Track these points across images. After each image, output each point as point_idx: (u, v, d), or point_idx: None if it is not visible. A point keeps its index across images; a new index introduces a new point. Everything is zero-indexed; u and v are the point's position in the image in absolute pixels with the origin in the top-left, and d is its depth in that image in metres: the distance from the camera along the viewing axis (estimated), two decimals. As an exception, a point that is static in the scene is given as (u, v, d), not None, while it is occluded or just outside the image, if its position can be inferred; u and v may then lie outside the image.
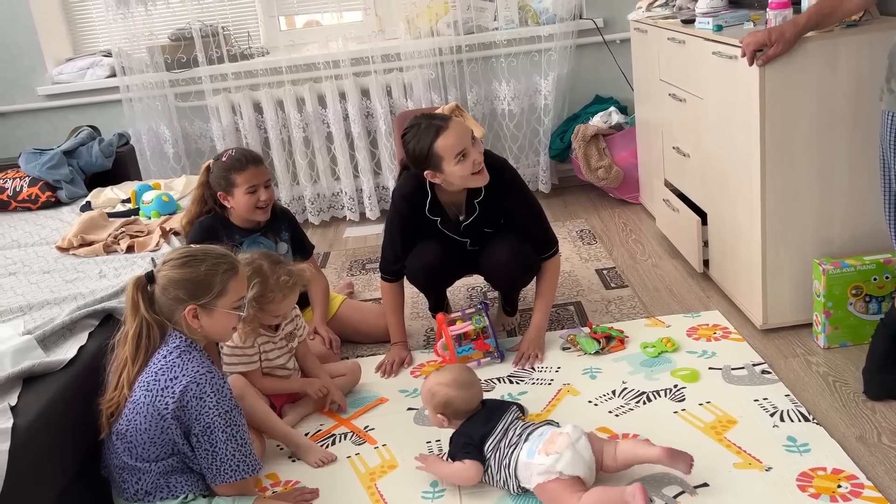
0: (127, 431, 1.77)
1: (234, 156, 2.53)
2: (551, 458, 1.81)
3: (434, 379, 2.04)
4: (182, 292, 1.80)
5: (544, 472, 1.82)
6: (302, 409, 2.36)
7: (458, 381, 2.00)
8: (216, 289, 1.82)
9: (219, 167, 2.54)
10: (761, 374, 2.29)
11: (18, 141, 4.10)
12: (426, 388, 2.04)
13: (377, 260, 3.58)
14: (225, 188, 2.53)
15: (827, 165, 2.36)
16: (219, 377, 1.79)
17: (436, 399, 2.00)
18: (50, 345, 1.98)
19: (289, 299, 2.25)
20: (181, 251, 1.88)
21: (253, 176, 2.51)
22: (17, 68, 4.10)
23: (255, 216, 2.57)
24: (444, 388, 1.99)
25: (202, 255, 1.85)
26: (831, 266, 2.32)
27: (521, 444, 1.89)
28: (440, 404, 2.00)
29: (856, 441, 1.96)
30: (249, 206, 2.53)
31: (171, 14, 4.09)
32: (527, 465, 1.85)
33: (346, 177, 4.14)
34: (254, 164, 2.53)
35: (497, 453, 1.91)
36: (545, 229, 2.61)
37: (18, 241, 2.94)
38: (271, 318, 2.25)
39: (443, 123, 2.36)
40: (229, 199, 2.54)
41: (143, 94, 4.01)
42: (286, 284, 2.21)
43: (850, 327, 2.36)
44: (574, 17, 4.01)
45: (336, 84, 3.99)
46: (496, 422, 1.95)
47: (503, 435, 1.93)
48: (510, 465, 1.88)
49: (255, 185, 2.52)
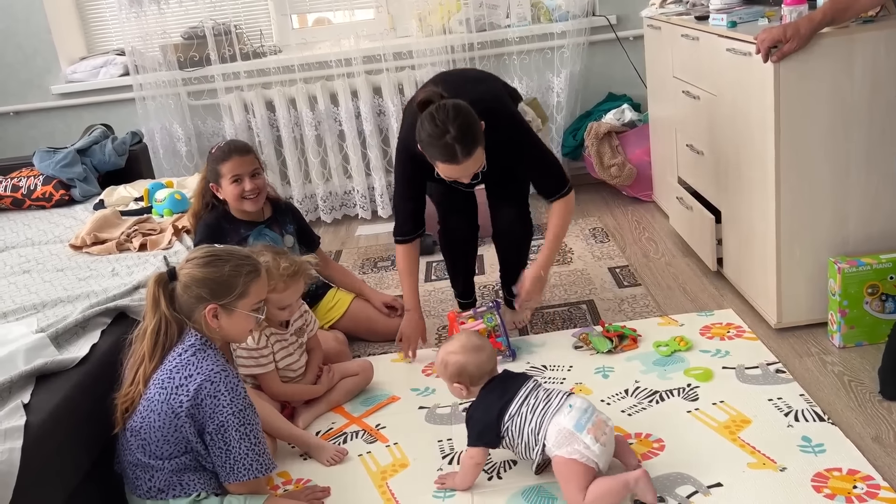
0: (141, 428, 1.77)
1: (221, 146, 2.56)
2: (599, 448, 1.80)
3: (444, 350, 2.02)
4: (204, 291, 1.81)
5: (584, 455, 1.80)
6: (316, 409, 2.36)
7: (467, 346, 1.98)
8: (238, 290, 1.84)
9: (209, 159, 2.58)
10: (775, 373, 2.27)
11: (32, 140, 4.12)
12: (439, 361, 2.02)
13: (389, 258, 3.61)
14: (214, 179, 2.56)
15: (842, 163, 2.34)
16: (233, 376, 1.80)
17: (449, 369, 1.98)
18: (63, 343, 1.99)
19: (291, 289, 2.24)
20: (206, 250, 1.90)
21: (237, 165, 2.51)
22: (31, 68, 4.12)
23: (243, 206, 2.56)
24: (454, 356, 1.97)
25: (226, 256, 1.87)
26: (847, 264, 2.29)
27: (553, 408, 1.86)
28: (454, 373, 1.97)
29: (872, 441, 1.94)
30: (235, 195, 2.53)
31: (183, 13, 4.10)
32: (571, 434, 1.81)
33: (358, 175, 4.14)
34: (237, 153, 2.52)
35: (518, 419, 1.88)
36: (552, 170, 2.52)
37: (32, 239, 2.96)
38: (276, 310, 2.25)
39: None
40: (219, 191, 2.56)
41: (156, 92, 4.03)
42: (287, 271, 2.21)
43: (865, 326, 2.34)
44: (587, 15, 3.99)
45: (348, 82, 3.99)
46: (514, 391, 1.92)
47: (524, 402, 1.90)
48: (539, 431, 1.85)
49: (239, 174, 2.52)
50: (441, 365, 2.01)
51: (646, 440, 2.05)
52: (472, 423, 1.94)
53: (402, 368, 2.60)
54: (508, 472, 2.00)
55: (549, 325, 2.78)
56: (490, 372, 1.98)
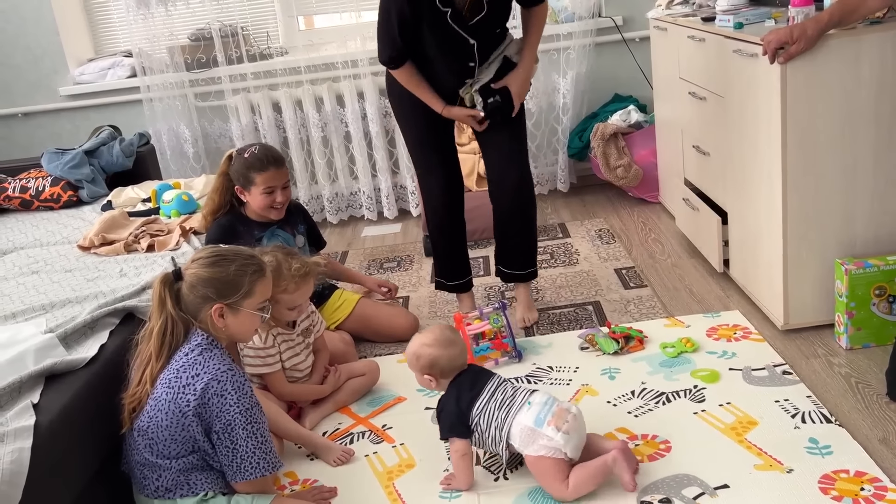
0: (148, 428, 1.78)
1: (256, 154, 2.54)
2: (562, 437, 1.83)
3: (417, 341, 2.04)
4: (210, 291, 1.82)
5: (551, 448, 1.83)
6: (323, 409, 2.36)
7: (440, 339, 2.00)
8: (244, 289, 1.85)
9: (240, 162, 2.55)
10: (782, 374, 2.27)
11: (41, 141, 4.14)
12: (410, 352, 2.04)
13: (395, 259, 3.61)
14: (243, 184, 2.55)
15: (849, 164, 2.33)
16: (240, 375, 1.80)
17: (421, 361, 2.00)
18: (71, 343, 2.00)
19: (302, 290, 2.25)
20: (211, 250, 1.91)
21: (272, 177, 2.52)
22: (40, 69, 4.14)
23: (269, 214, 2.59)
24: (427, 349, 2.00)
25: (232, 256, 1.89)
26: (854, 266, 2.29)
27: (516, 406, 1.90)
28: (426, 365, 2.00)
29: (879, 443, 1.94)
30: (264, 205, 2.55)
31: (190, 15, 4.11)
32: (532, 431, 1.85)
33: (364, 176, 4.15)
34: (275, 165, 2.53)
35: (486, 415, 1.92)
36: None
37: (41, 239, 2.98)
38: (285, 310, 2.25)
39: None
40: (245, 195, 2.56)
41: (164, 93, 4.04)
42: (298, 273, 2.22)
43: (873, 328, 2.33)
44: (593, 16, 3.99)
45: (354, 83, 4.00)
46: (482, 385, 1.96)
47: (491, 396, 1.94)
48: (503, 428, 1.89)
49: (273, 186, 2.53)
50: (413, 357, 2.03)
51: (652, 441, 2.05)
52: (444, 416, 1.98)
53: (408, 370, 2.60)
54: (515, 474, 2.00)
55: (555, 326, 2.78)
56: (460, 366, 2.01)
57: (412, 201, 4.18)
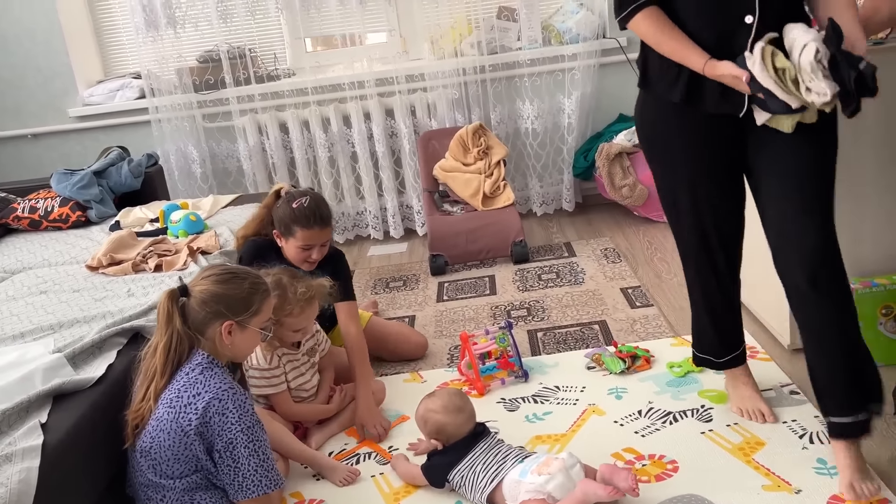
0: (151, 448, 1.79)
1: (305, 208, 2.42)
2: (543, 478, 1.82)
3: (425, 405, 2.07)
4: (223, 307, 1.84)
5: (533, 490, 1.82)
6: (328, 429, 2.36)
7: (448, 406, 2.03)
8: (254, 307, 1.89)
9: (287, 210, 2.43)
10: (790, 394, 2.26)
11: (51, 161, 4.18)
12: (419, 416, 2.08)
13: (401, 278, 3.62)
14: (283, 232, 2.46)
15: (856, 183, 2.34)
16: (241, 393, 1.81)
17: (429, 426, 2.04)
18: (79, 363, 2.01)
19: (307, 312, 2.25)
20: (223, 267, 1.94)
21: (314, 237, 2.43)
22: (50, 91, 4.19)
23: (301, 266, 2.47)
24: (434, 415, 2.03)
25: (244, 274, 1.93)
26: (860, 285, 2.29)
27: (506, 468, 1.91)
28: (433, 431, 2.04)
29: (887, 463, 1.93)
30: (298, 259, 2.46)
31: (199, 37, 4.16)
32: (518, 482, 1.86)
33: (371, 196, 4.17)
34: (319, 225, 2.42)
35: (471, 474, 1.94)
36: None
37: (49, 260, 3.00)
38: (290, 332, 2.26)
39: None
40: (282, 240, 2.48)
41: (172, 115, 4.08)
42: (304, 297, 2.22)
43: (880, 347, 2.32)
44: (597, 37, 4.02)
45: (361, 104, 4.03)
46: (468, 448, 1.99)
47: (476, 457, 1.96)
48: (484, 491, 1.90)
49: (312, 245, 2.45)
50: (420, 420, 2.07)
51: (659, 461, 2.04)
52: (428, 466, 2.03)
53: (414, 389, 2.60)
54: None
55: (561, 346, 2.78)
56: (468, 432, 2.03)
57: (418, 220, 4.20)
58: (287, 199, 2.47)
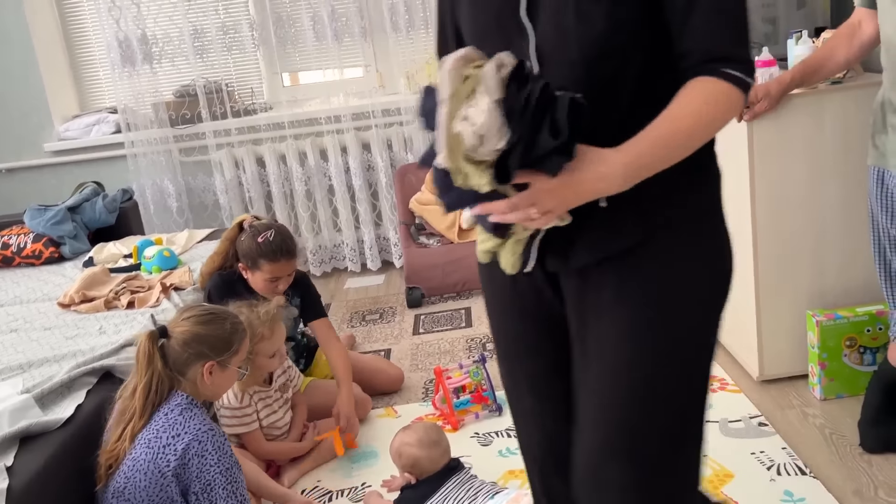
0: (125, 489, 1.77)
1: (270, 243, 2.43)
2: None
3: (400, 438, 2.09)
4: (206, 347, 1.85)
5: None
6: (301, 467, 2.35)
7: (423, 440, 2.05)
8: (234, 347, 1.91)
9: (252, 244, 2.45)
10: (758, 426, 2.29)
11: (25, 196, 4.15)
12: (393, 449, 2.09)
13: (378, 311, 3.63)
14: (248, 265, 2.47)
15: (818, 218, 2.39)
16: (220, 434, 1.81)
17: (403, 460, 2.06)
18: (48, 403, 1.99)
19: (276, 332, 2.25)
20: (202, 308, 1.95)
21: (281, 269, 2.45)
22: (25, 125, 4.18)
23: (269, 296, 2.46)
24: (409, 449, 2.04)
25: (223, 314, 1.95)
26: (824, 317, 2.33)
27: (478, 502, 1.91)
28: (407, 465, 2.05)
29: (852, 495, 1.95)
30: (267, 290, 2.46)
31: (175, 72, 4.18)
32: None
33: (348, 228, 4.19)
34: (286, 258, 2.45)
35: None
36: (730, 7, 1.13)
37: (21, 297, 2.98)
38: (267, 360, 2.25)
39: None
40: (248, 273, 2.49)
41: (148, 149, 4.08)
42: (268, 316, 2.22)
43: (845, 378, 2.36)
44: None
45: (338, 138, 4.06)
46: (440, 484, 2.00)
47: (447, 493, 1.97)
48: None
49: (279, 276, 2.47)
50: (395, 454, 2.08)
51: (630, 496, 2.05)
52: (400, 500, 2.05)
53: (389, 424, 2.60)
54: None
55: (534, 379, 2.79)
56: (441, 466, 2.04)
57: (395, 253, 4.22)
58: (252, 233, 2.47)
